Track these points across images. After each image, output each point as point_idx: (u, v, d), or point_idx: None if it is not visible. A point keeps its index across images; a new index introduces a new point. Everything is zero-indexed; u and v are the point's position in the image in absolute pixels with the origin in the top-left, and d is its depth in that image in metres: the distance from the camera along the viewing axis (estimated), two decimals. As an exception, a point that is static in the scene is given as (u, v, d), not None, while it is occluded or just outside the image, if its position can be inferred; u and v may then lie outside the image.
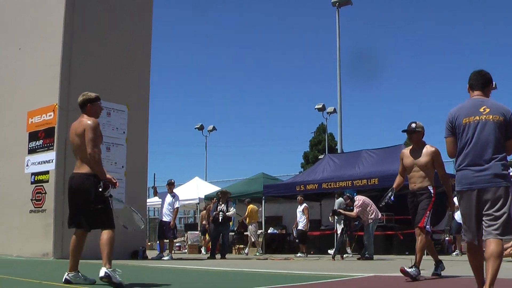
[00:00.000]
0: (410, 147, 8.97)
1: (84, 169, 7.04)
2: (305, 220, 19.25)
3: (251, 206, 21.72)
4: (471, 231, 5.45)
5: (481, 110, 5.46)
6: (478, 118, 5.43)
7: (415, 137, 8.80)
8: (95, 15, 16.85)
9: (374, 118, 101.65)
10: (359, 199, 16.21)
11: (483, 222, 5.31)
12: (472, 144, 5.41)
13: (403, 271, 7.99)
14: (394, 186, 9.24)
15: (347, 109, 74.36)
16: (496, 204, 5.27)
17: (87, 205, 7.01)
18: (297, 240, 19.27)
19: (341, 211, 16.37)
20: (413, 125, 8.82)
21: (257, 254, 20.94)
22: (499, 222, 5.22)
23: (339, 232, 18.00)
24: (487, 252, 5.14)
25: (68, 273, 7.08)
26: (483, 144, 5.37)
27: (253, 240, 21.55)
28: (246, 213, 21.73)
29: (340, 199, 18.24)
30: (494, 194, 5.29)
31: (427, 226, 8.63)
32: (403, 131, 8.92)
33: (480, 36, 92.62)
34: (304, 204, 19.44)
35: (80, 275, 7.17)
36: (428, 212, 8.57)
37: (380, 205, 9.64)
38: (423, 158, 8.61)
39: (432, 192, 8.66)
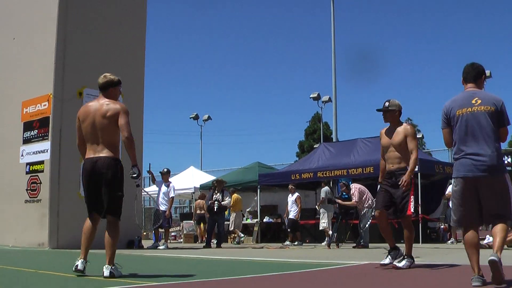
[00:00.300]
0: (388, 126, 8.46)
1: (107, 152, 6.71)
2: (297, 209, 19.26)
3: (235, 195, 21.81)
4: (467, 216, 5.69)
5: (473, 101, 5.74)
6: (470, 110, 5.72)
7: (389, 116, 8.38)
8: (89, 4, 16.79)
9: (370, 107, 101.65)
10: (355, 187, 16.23)
11: (483, 210, 5.61)
12: (467, 134, 5.69)
13: (395, 267, 7.83)
14: (380, 175, 8.73)
15: (342, 98, 74.17)
16: (494, 191, 5.57)
17: (110, 190, 6.70)
18: (288, 230, 19.25)
19: (339, 201, 16.35)
20: (386, 103, 8.40)
21: (234, 243, 21.02)
22: (499, 209, 5.56)
23: (323, 221, 18.06)
24: (495, 229, 5.49)
25: (82, 261, 6.58)
26: (477, 134, 5.65)
27: (231, 228, 21.64)
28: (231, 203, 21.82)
29: (326, 187, 18.28)
30: (491, 182, 5.58)
31: (413, 213, 8.48)
32: (377, 110, 8.48)
33: (477, 26, 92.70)
34: (297, 194, 19.44)
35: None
36: (412, 198, 8.25)
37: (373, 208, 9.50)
38: (398, 137, 8.17)
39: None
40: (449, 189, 18.15)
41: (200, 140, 49.78)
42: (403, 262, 7.87)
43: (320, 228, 18.18)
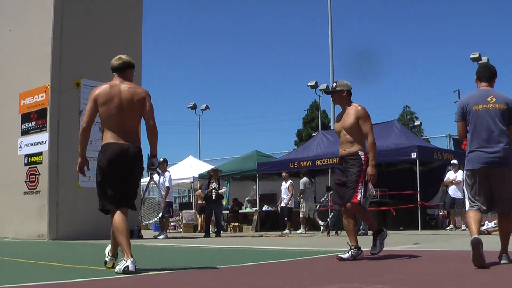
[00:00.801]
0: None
1: (135, 141, 6.26)
2: (290, 197, 19.22)
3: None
4: (480, 203, 6.20)
5: (488, 99, 6.26)
6: (486, 106, 6.23)
7: (337, 97, 7.76)
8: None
9: (368, 94, 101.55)
10: None
11: (495, 198, 6.18)
12: (482, 129, 6.21)
13: (338, 259, 7.22)
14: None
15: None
16: (504, 181, 6.15)
17: (135, 182, 6.32)
18: (285, 218, 19.21)
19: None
20: (334, 84, 7.85)
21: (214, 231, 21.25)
22: (509, 197, 6.14)
23: (303, 210, 18.10)
24: (504, 227, 6.25)
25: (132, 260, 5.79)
26: (491, 129, 6.18)
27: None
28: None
29: (305, 178, 18.32)
30: (503, 174, 6.15)
31: (362, 201, 7.50)
32: (325, 92, 7.97)
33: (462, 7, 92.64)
34: (290, 181, 19.40)
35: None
36: (360, 184, 7.34)
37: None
38: (348, 120, 7.52)
39: (363, 159, 7.45)
40: (448, 176, 18.27)
41: (198, 130, 49.87)
42: (348, 254, 7.27)
43: (301, 215, 18.53)
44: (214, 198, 17.46)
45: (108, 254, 6.43)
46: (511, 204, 6.16)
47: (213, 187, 17.56)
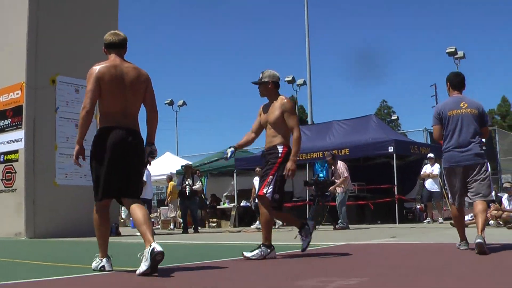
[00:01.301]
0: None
1: (136, 126, 5.78)
2: None
3: (171, 183, 22.02)
4: (456, 198, 7.15)
5: (461, 105, 7.16)
6: (459, 112, 7.13)
7: (263, 89, 7.44)
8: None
9: (345, 90, 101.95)
10: (341, 163, 15.99)
11: (469, 191, 7.03)
12: (456, 131, 7.07)
13: (244, 257, 6.82)
14: (239, 142, 7.70)
15: (318, 81, 74.45)
16: (478, 175, 7.01)
17: (139, 171, 5.80)
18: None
19: (331, 188, 16.03)
20: (260, 75, 7.51)
21: (169, 229, 21.35)
22: (482, 188, 6.98)
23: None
24: (476, 210, 6.84)
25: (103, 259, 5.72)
26: (465, 131, 7.05)
27: (172, 215, 21.87)
28: (169, 190, 21.99)
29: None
30: (475, 168, 7.02)
31: (269, 194, 6.91)
32: (252, 82, 7.54)
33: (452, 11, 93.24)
34: None
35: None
36: (270, 177, 6.93)
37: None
38: (273, 113, 7.21)
39: (281, 152, 7.06)
40: (424, 169, 18.40)
41: (175, 126, 49.71)
42: (255, 252, 6.84)
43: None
44: (187, 194, 17.41)
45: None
46: (487, 191, 7.02)
47: (187, 183, 17.52)
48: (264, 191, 6.88)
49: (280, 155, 7.03)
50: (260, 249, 6.84)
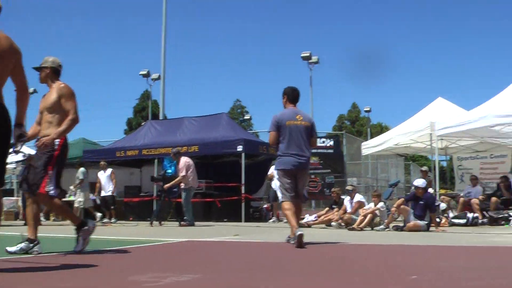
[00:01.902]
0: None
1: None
2: (113, 186, 18.54)
3: None
4: (290, 194, 8.15)
5: (297, 117, 8.29)
6: (296, 123, 8.23)
7: (43, 75, 6.98)
8: None
9: (202, 87, 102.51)
10: (183, 160, 15.82)
11: (298, 191, 8.25)
12: (292, 140, 8.15)
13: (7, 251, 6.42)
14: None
15: (176, 78, 74.36)
16: (304, 179, 8.48)
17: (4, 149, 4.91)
18: (112, 207, 18.56)
19: (166, 186, 15.88)
20: (42, 61, 7.06)
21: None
22: (303, 190, 8.49)
23: (80, 199, 17.60)
24: (296, 210, 8.09)
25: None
26: (299, 140, 8.18)
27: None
28: None
29: (82, 168, 17.88)
30: (305, 173, 8.43)
31: (51, 190, 6.57)
32: (33, 68, 6.93)
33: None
34: (110, 169, 18.84)
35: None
36: (49, 173, 6.57)
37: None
38: (50, 98, 6.79)
39: (57, 143, 6.64)
40: (271, 170, 18.70)
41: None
42: (18, 247, 6.48)
43: (75, 205, 17.60)
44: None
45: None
46: (305, 194, 8.95)
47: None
48: (46, 189, 6.48)
49: (56, 147, 6.62)
50: (23, 244, 6.47)
